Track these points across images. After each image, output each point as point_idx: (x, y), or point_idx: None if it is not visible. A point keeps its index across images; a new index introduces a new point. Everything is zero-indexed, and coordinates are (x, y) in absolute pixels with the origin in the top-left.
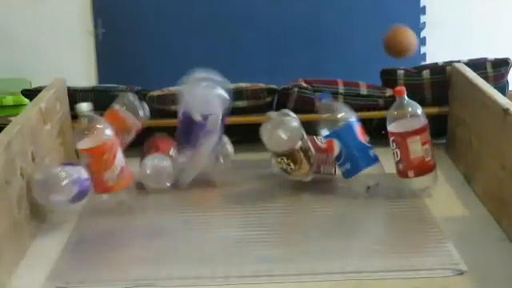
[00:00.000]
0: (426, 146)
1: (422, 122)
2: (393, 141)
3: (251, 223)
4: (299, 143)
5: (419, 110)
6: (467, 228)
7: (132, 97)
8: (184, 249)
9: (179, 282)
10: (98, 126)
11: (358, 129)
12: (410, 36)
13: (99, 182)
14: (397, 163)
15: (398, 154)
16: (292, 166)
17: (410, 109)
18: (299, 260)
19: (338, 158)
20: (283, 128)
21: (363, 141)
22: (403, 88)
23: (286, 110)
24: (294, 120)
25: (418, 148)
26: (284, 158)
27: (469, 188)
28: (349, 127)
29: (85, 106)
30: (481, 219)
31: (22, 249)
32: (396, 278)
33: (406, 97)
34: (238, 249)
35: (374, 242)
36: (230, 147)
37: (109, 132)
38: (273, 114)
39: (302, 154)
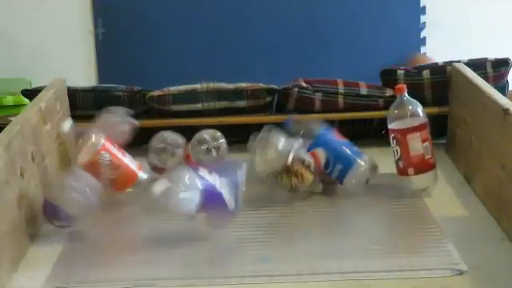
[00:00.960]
0: (426, 143)
1: (423, 119)
2: (393, 138)
3: (251, 223)
4: (291, 156)
5: (419, 108)
6: (467, 228)
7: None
8: (184, 249)
9: (179, 281)
10: (86, 136)
11: (334, 131)
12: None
13: (126, 171)
14: (397, 161)
15: (398, 152)
16: (294, 180)
17: (410, 107)
18: (299, 260)
19: (327, 165)
20: (270, 146)
21: (344, 140)
22: (404, 86)
23: (268, 127)
24: (278, 135)
25: (417, 145)
26: (284, 175)
27: (469, 188)
28: (327, 131)
29: (66, 125)
30: (481, 219)
31: (22, 249)
32: (396, 278)
33: (406, 94)
34: (238, 249)
35: (373, 242)
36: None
37: (97, 135)
38: (255, 140)
39: (299, 166)
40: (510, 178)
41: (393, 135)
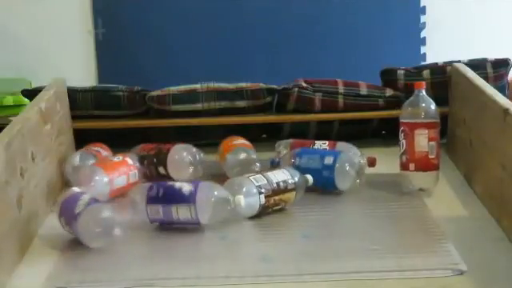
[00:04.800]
0: (433, 143)
1: (434, 118)
2: (401, 131)
3: (251, 223)
4: (263, 196)
5: (433, 107)
6: (467, 228)
7: None
8: (184, 249)
9: (179, 281)
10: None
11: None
12: None
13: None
14: (401, 155)
15: (404, 145)
16: (280, 206)
17: (423, 104)
18: (299, 260)
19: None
20: (240, 194)
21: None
22: (423, 82)
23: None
24: (242, 181)
25: (423, 142)
26: (269, 209)
27: (469, 188)
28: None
29: None
30: (481, 219)
31: (22, 249)
32: (396, 278)
33: (423, 91)
34: (238, 249)
35: (373, 242)
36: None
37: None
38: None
39: (274, 197)
40: (510, 178)
41: (402, 128)
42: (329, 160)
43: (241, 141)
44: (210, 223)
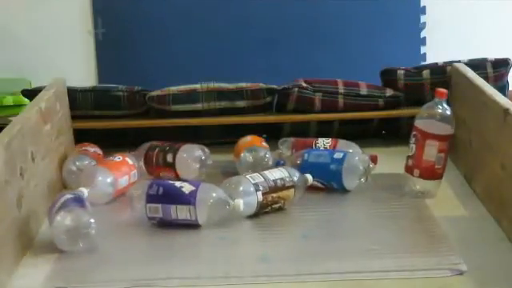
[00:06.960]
0: (442, 154)
1: (448, 130)
2: (414, 135)
3: (251, 223)
4: (260, 193)
5: (449, 118)
6: (467, 228)
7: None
8: (184, 249)
9: (179, 281)
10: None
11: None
12: None
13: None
14: (408, 157)
15: (413, 150)
16: (278, 205)
17: (440, 111)
18: (298, 260)
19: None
20: (236, 196)
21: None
22: (445, 92)
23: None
24: (237, 181)
25: (432, 152)
26: (268, 208)
27: (469, 188)
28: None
29: None
30: (481, 219)
31: (22, 248)
32: (396, 278)
33: (444, 101)
34: (238, 249)
35: (373, 242)
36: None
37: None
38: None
39: (272, 195)
40: (510, 178)
41: (415, 132)
42: (338, 155)
43: (257, 140)
44: (209, 224)
